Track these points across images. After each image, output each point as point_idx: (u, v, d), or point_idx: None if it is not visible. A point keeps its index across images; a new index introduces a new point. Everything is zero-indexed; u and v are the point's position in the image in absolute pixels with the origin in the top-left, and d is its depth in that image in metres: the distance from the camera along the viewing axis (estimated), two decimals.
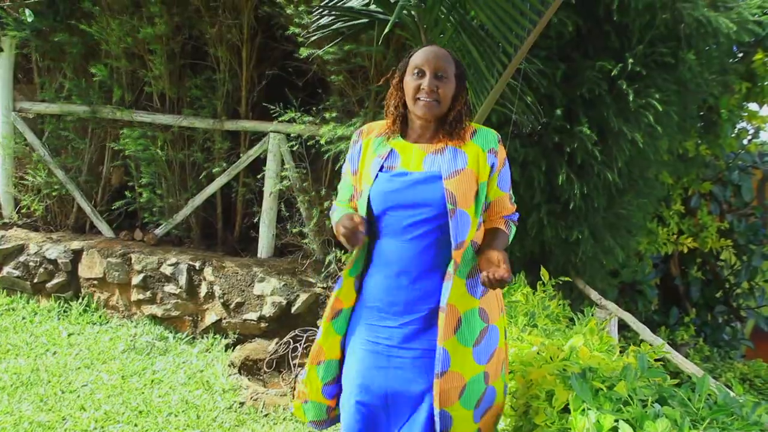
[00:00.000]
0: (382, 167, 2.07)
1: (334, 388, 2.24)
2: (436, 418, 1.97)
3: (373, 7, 3.26)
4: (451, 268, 1.97)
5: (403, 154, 2.07)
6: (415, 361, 2.03)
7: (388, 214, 2.05)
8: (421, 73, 2.01)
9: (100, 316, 5.17)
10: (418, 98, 2.00)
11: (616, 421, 1.66)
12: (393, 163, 2.07)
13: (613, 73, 4.33)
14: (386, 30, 2.88)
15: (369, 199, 2.06)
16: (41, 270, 5.36)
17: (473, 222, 2.00)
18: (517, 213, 2.21)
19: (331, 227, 4.83)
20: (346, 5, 3.33)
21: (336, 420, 2.30)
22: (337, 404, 2.25)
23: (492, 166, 2.03)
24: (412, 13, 3.21)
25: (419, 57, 2.03)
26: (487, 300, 2.08)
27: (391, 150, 2.09)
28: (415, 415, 2.04)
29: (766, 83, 6.25)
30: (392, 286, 2.05)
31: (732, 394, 1.99)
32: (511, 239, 2.18)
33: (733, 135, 6.65)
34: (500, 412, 2.19)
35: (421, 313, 2.02)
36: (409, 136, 2.11)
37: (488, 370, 2.06)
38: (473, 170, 2.00)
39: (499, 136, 2.09)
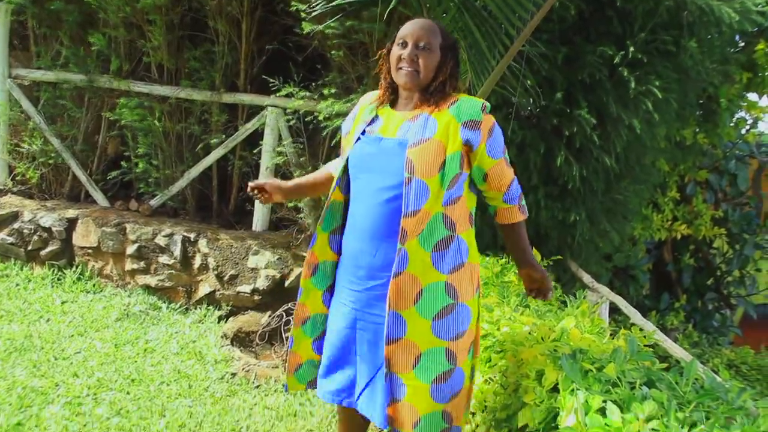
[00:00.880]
0: (363, 131, 2.14)
1: (323, 342, 2.28)
2: (385, 382, 2.00)
3: None
4: (400, 236, 1.96)
5: (386, 120, 2.13)
6: (378, 327, 2.06)
7: (360, 177, 2.11)
8: (404, 44, 2.06)
9: (93, 285, 5.18)
10: (400, 67, 2.05)
11: (604, 401, 1.68)
12: (373, 128, 2.14)
13: (615, 60, 4.32)
14: (390, 7, 2.87)
15: (347, 161, 2.14)
16: (35, 237, 5.35)
17: (434, 192, 1.97)
18: (519, 187, 2.16)
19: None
20: None
21: None
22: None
23: (469, 140, 1.99)
24: None
25: (405, 28, 2.08)
26: (458, 277, 2.04)
27: (376, 116, 2.16)
28: (376, 377, 2.07)
29: (766, 74, 6.24)
30: (358, 250, 2.09)
31: (719, 379, 2.02)
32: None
33: (731, 124, 6.66)
34: (470, 397, 2.20)
35: (382, 280, 2.04)
36: (397, 105, 2.15)
37: (453, 348, 2.03)
38: (440, 140, 1.98)
39: (486, 105, 2.04)
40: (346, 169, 2.17)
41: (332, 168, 2.40)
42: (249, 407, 3.46)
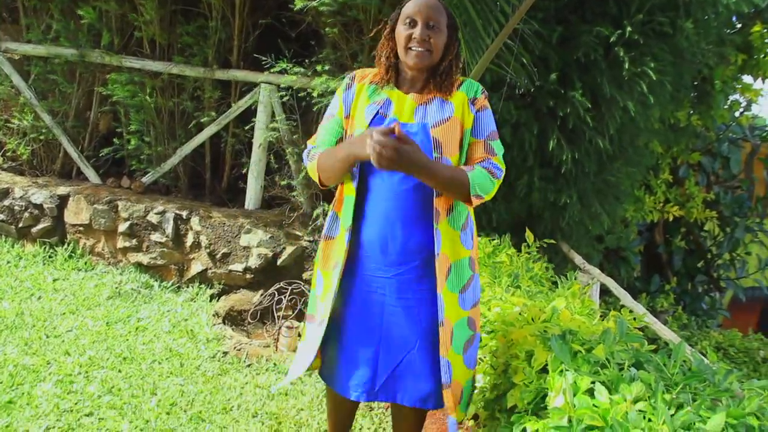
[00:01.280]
0: (377, 113, 2.07)
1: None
2: (443, 368, 2.04)
3: None
4: (435, 217, 2.01)
5: (397, 103, 2.08)
6: (408, 310, 2.08)
7: None
8: (413, 23, 2.01)
9: (85, 263, 5.16)
10: (410, 48, 2.01)
11: (593, 382, 1.69)
12: (387, 111, 2.08)
13: (611, 39, 4.30)
14: None
15: None
16: (26, 214, 5.32)
17: None
18: (490, 160, 2.08)
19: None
20: None
21: None
22: None
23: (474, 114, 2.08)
24: None
25: (411, 6, 2.02)
26: (474, 251, 2.16)
27: (387, 98, 2.10)
28: (405, 361, 2.09)
29: (762, 56, 6.23)
30: (386, 237, 2.07)
31: (706, 361, 2.04)
32: (488, 189, 2.04)
33: (725, 107, 6.66)
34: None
35: (415, 263, 2.06)
36: (400, 86, 2.11)
37: (472, 315, 2.13)
38: (458, 118, 2.04)
39: (483, 89, 2.13)
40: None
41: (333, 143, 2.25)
42: (240, 386, 3.47)
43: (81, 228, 5.28)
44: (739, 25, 6.13)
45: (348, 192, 2.12)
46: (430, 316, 2.07)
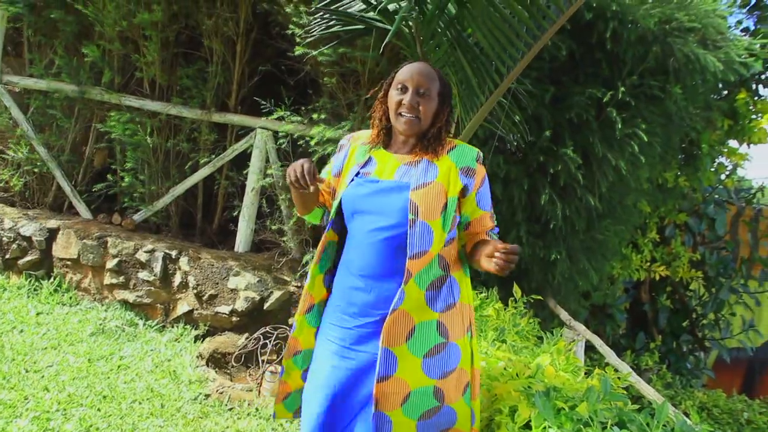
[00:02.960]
0: (358, 173, 2.13)
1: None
2: (371, 420, 1.99)
3: (372, 14, 3.29)
4: (405, 278, 1.98)
5: (380, 162, 2.12)
6: (363, 364, 2.06)
7: (356, 218, 2.10)
8: (404, 89, 2.05)
9: (70, 297, 5.12)
10: (400, 113, 2.05)
11: None
12: (368, 170, 2.12)
13: (604, 100, 4.41)
14: (386, 40, 2.92)
15: (341, 201, 2.12)
16: (14, 246, 5.30)
17: (437, 234, 2.01)
18: (496, 227, 2.23)
19: (310, 226, 4.87)
20: (346, 10, 3.36)
21: None
22: None
23: (466, 186, 2.05)
24: (410, 23, 3.25)
25: (404, 73, 2.07)
26: (450, 316, 2.06)
27: (370, 158, 2.14)
28: (361, 414, 2.06)
29: (747, 122, 6.39)
30: (352, 288, 2.09)
31: (689, 422, 2.05)
32: None
33: (711, 169, 6.79)
34: None
35: (375, 318, 2.05)
36: (390, 147, 2.15)
37: (442, 386, 2.03)
38: (442, 184, 2.03)
39: (480, 155, 2.11)
40: (339, 210, 2.15)
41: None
42: (221, 430, 3.43)
43: (69, 262, 5.26)
44: (725, 92, 6.31)
45: (324, 239, 2.20)
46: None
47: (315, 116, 4.65)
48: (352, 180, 2.12)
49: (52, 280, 5.24)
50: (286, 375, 2.30)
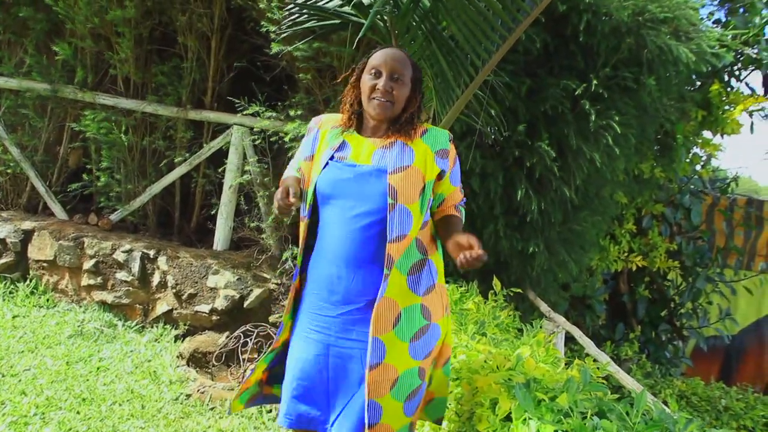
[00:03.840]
0: (332, 157, 2.13)
1: (274, 363, 2.31)
2: (365, 409, 2.00)
3: (346, 9, 3.28)
4: (386, 263, 2.00)
5: (355, 146, 2.13)
6: (353, 351, 2.07)
7: (332, 203, 2.10)
8: (377, 74, 2.06)
9: (47, 300, 5.06)
10: (373, 98, 2.06)
11: (556, 431, 1.71)
12: (343, 154, 2.13)
13: (577, 92, 4.44)
14: (360, 34, 2.91)
15: (316, 186, 2.11)
16: None
17: (416, 218, 2.03)
18: (464, 199, 2.30)
19: (288, 223, 4.85)
20: (320, 5, 3.35)
21: (269, 398, 2.38)
22: (269, 379, 2.33)
23: (443, 170, 2.10)
24: (385, 18, 3.24)
25: (377, 58, 2.09)
26: (431, 299, 2.11)
27: (344, 141, 2.15)
28: (351, 402, 2.07)
29: (720, 113, 6.47)
30: (333, 275, 2.09)
31: (668, 410, 2.07)
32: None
33: (686, 160, 6.86)
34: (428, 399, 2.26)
35: (360, 304, 2.06)
36: (362, 132, 2.16)
37: (424, 366, 2.09)
38: (419, 168, 2.05)
39: (450, 136, 2.15)
40: (313, 195, 2.14)
41: (293, 171, 2.34)
42: (203, 430, 3.40)
43: (45, 264, 5.19)
44: (698, 83, 6.38)
45: (302, 229, 2.19)
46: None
47: (292, 112, 4.62)
48: (327, 164, 2.12)
49: (28, 282, 5.16)
50: (253, 375, 2.30)
